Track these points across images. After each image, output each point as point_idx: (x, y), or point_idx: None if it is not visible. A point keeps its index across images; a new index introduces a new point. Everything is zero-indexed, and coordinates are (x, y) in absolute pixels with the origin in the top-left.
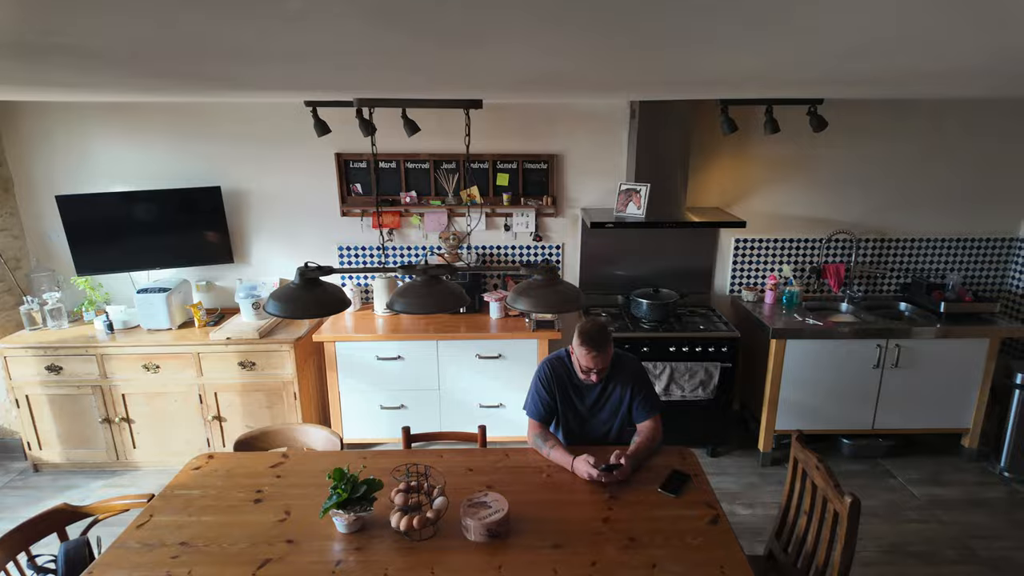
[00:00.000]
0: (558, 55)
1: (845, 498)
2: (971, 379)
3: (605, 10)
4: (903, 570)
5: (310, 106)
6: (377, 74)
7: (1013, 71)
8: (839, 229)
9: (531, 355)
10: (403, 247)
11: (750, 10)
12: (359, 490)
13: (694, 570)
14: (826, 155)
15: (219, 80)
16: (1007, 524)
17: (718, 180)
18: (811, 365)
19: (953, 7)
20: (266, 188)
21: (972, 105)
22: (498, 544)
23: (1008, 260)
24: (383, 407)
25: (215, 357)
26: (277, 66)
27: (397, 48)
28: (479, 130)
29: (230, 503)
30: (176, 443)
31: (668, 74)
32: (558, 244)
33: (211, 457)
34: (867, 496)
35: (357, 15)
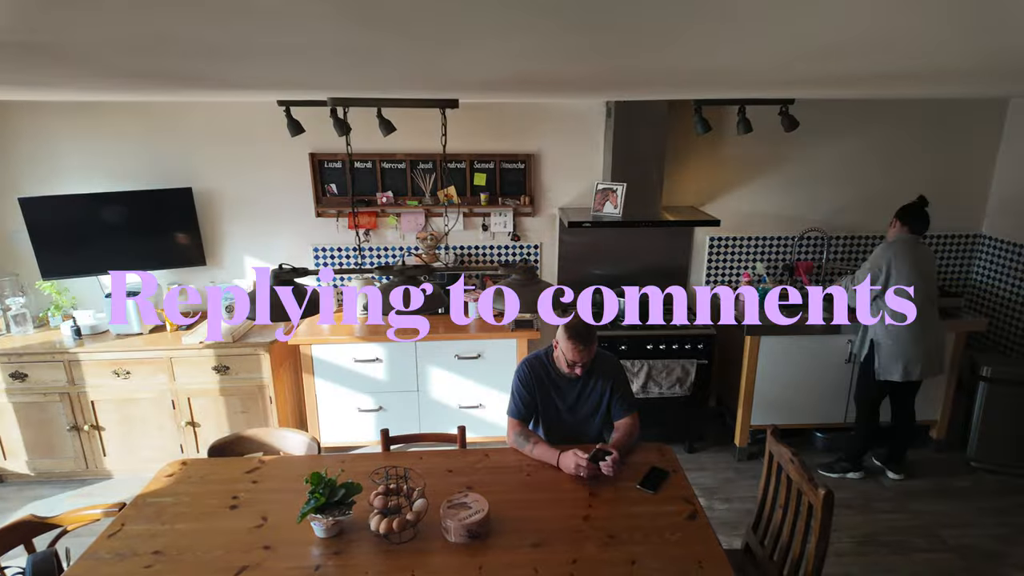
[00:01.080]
0: (532, 56)
1: (819, 490)
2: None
3: (580, 10)
4: (875, 560)
5: (283, 105)
6: (350, 73)
7: (988, 70)
8: (811, 227)
9: (510, 355)
10: (380, 248)
11: (726, 10)
12: (337, 494)
13: (673, 565)
14: (798, 154)
15: (188, 79)
16: (974, 512)
17: (693, 179)
18: (785, 361)
19: (931, 8)
20: (239, 189)
21: (935, 106)
22: (478, 545)
23: (972, 256)
24: (361, 410)
25: (188, 361)
26: (248, 65)
27: (371, 48)
28: (456, 130)
29: (205, 510)
30: (148, 450)
31: (642, 74)
32: (536, 243)
33: (185, 464)
34: (840, 488)
35: (331, 15)
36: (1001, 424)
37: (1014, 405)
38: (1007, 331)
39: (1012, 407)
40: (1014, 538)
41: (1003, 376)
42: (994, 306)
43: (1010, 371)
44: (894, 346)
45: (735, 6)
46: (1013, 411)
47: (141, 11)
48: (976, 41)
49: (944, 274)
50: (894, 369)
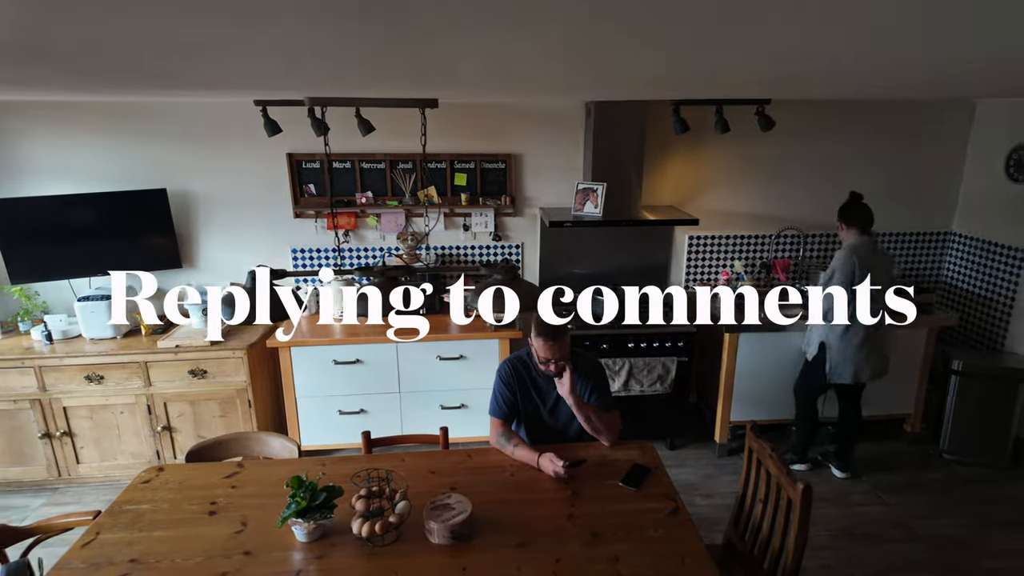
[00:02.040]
0: (508, 56)
1: (797, 485)
2: (912, 367)
3: (556, 11)
4: (851, 552)
5: (260, 105)
6: (326, 73)
7: (952, 73)
8: (788, 225)
9: (492, 355)
10: (360, 248)
11: (701, 12)
12: (319, 497)
13: (656, 561)
14: (774, 154)
15: (159, 79)
16: (946, 503)
17: (672, 179)
18: (763, 357)
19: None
20: (215, 190)
21: (907, 108)
22: (462, 546)
23: (943, 253)
24: (342, 412)
25: (164, 366)
26: (221, 65)
27: (346, 48)
28: (435, 130)
29: (183, 516)
30: (123, 456)
31: (618, 73)
32: (517, 243)
33: (161, 469)
34: (817, 482)
35: (305, 14)
36: (971, 417)
37: (984, 398)
38: (977, 326)
39: (982, 400)
40: (985, 528)
41: (973, 370)
42: (965, 301)
43: (979, 365)
44: (846, 349)
45: (713, 10)
46: (983, 404)
47: (111, 10)
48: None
49: (916, 271)
50: (845, 372)
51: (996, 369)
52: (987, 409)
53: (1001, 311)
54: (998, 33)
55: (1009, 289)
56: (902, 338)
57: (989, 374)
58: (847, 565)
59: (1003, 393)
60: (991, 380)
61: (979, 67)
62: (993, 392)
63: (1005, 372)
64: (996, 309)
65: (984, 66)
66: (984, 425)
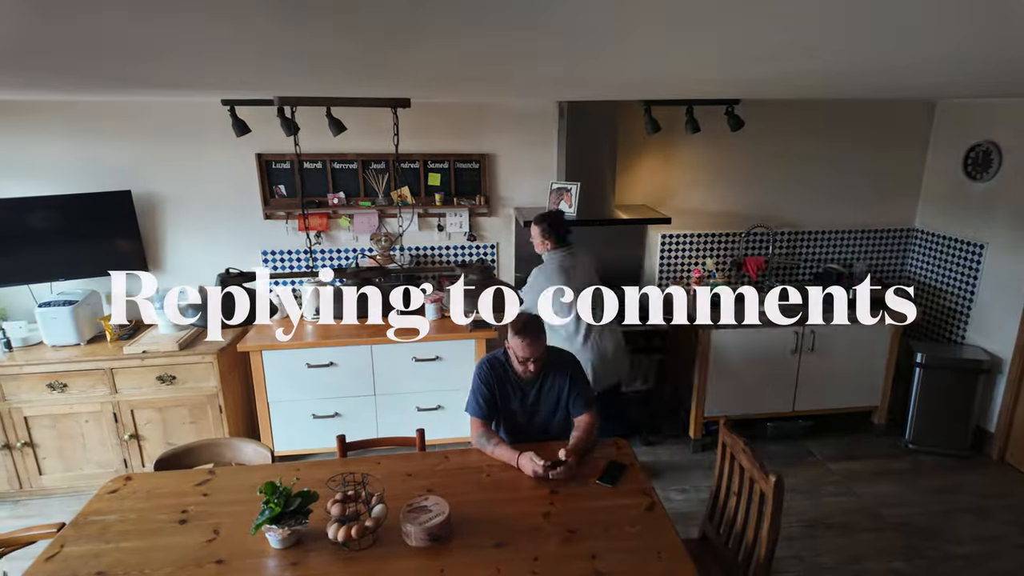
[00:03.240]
0: (480, 57)
1: (770, 477)
2: (878, 360)
3: (525, 12)
4: (823, 543)
5: (227, 105)
6: (295, 73)
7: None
8: (757, 223)
9: (469, 356)
10: (332, 250)
11: (672, 13)
12: (293, 503)
13: (633, 557)
14: (744, 153)
15: (117, 79)
16: (912, 491)
17: (645, 178)
18: (735, 353)
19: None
20: (182, 192)
21: (871, 108)
22: (440, 548)
23: (907, 248)
24: (316, 416)
25: (130, 372)
26: (185, 64)
27: (317, 47)
28: (408, 129)
29: (152, 526)
30: (89, 466)
31: (589, 75)
32: (492, 243)
33: (129, 479)
34: (790, 474)
35: (269, 13)
36: (934, 407)
37: (946, 388)
38: (939, 318)
39: (944, 390)
40: (949, 515)
41: (935, 362)
42: (927, 295)
43: (941, 357)
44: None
45: (679, 14)
46: (945, 394)
47: (69, 7)
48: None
49: (882, 266)
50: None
51: (957, 361)
52: (949, 400)
53: (961, 304)
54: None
55: (968, 283)
56: (868, 332)
57: (950, 366)
58: (818, 555)
59: (963, 384)
60: (952, 372)
61: (947, 68)
62: (954, 383)
63: (965, 363)
64: (956, 302)
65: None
66: (946, 415)
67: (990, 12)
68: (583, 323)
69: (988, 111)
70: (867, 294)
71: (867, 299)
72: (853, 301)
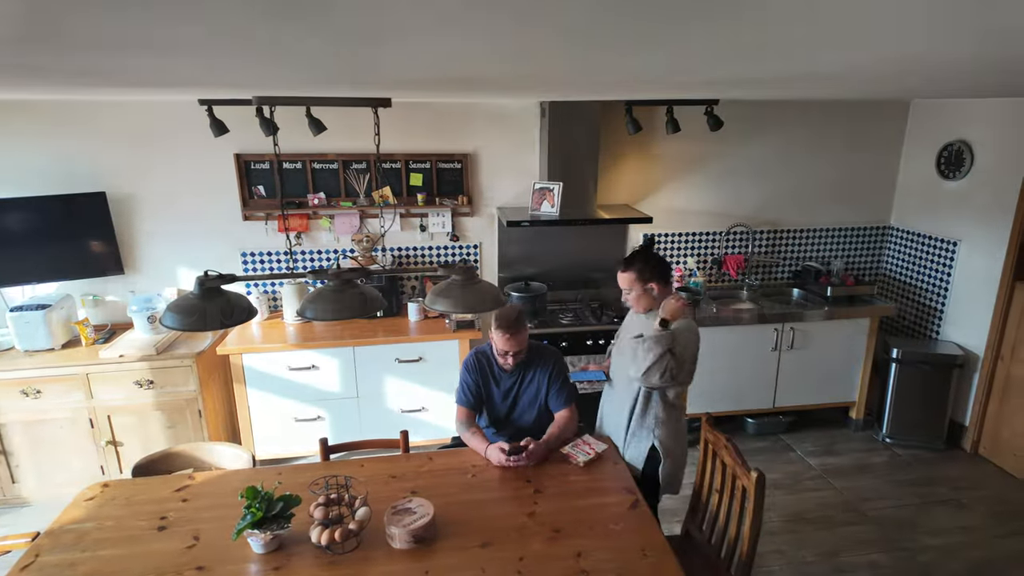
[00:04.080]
0: (458, 56)
1: (751, 473)
2: (855, 356)
3: (503, 11)
4: (803, 537)
5: (204, 104)
6: (272, 72)
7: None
8: (737, 222)
9: (452, 356)
10: (313, 251)
11: (650, 14)
12: (275, 507)
13: (617, 555)
14: (723, 153)
15: (83, 76)
16: (889, 485)
17: (626, 178)
18: (717, 351)
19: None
20: (158, 193)
21: (847, 107)
22: (425, 549)
23: (882, 246)
24: (298, 419)
25: (107, 377)
26: (157, 61)
27: (290, 46)
28: (390, 129)
29: (130, 533)
30: (65, 473)
31: (569, 75)
32: (475, 243)
33: (106, 486)
34: (770, 470)
35: (245, 10)
36: (910, 402)
37: (921, 383)
38: (914, 314)
39: (919, 385)
40: (925, 507)
41: (911, 357)
42: (903, 291)
43: (917, 352)
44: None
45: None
46: (920, 389)
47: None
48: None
49: (859, 263)
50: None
51: (932, 356)
52: (924, 394)
53: (936, 300)
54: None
55: (943, 279)
56: (846, 329)
57: (925, 361)
58: (799, 548)
59: (938, 378)
60: (927, 366)
61: (922, 68)
62: (929, 378)
63: (940, 358)
64: (931, 299)
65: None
66: (922, 409)
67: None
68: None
69: (960, 111)
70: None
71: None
72: (830, 298)
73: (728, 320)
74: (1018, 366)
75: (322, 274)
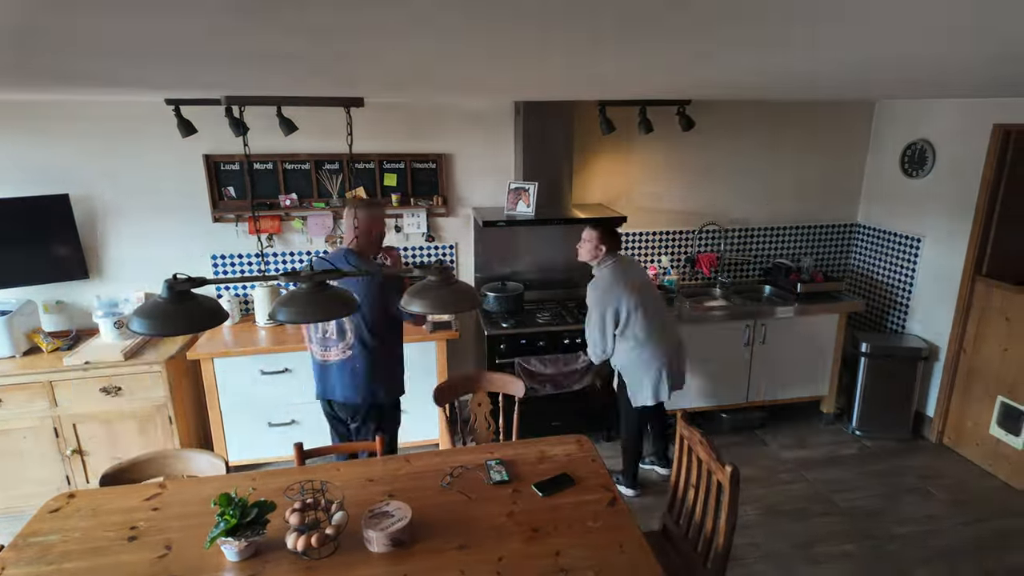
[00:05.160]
0: (431, 54)
1: (726, 468)
2: (825, 351)
3: (479, 14)
4: (778, 528)
5: (172, 104)
6: (241, 72)
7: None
8: (709, 221)
9: (429, 357)
10: (285, 253)
11: (620, 18)
12: (250, 514)
13: (596, 552)
14: (695, 153)
15: (47, 76)
16: (859, 476)
17: (601, 177)
18: (691, 347)
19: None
20: (124, 195)
21: (815, 108)
22: (403, 552)
23: (850, 243)
24: (272, 424)
25: (71, 384)
26: (126, 61)
27: (262, 45)
28: (363, 129)
29: (98, 544)
30: (28, 485)
31: (542, 76)
32: (451, 244)
33: (72, 496)
34: (745, 464)
35: (216, 8)
36: (878, 395)
37: (888, 376)
38: (881, 309)
39: (887, 378)
40: (893, 496)
41: (878, 351)
42: (870, 287)
43: (884, 346)
44: (637, 371)
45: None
46: (887, 382)
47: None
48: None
49: (826, 260)
50: (641, 395)
51: (898, 349)
52: (891, 387)
53: (902, 295)
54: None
55: (908, 275)
56: (816, 324)
57: (892, 354)
58: (774, 541)
59: (904, 371)
60: (894, 360)
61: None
62: (896, 371)
63: (905, 352)
64: (897, 294)
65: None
66: (889, 402)
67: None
68: (651, 326)
69: (922, 111)
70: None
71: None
72: (800, 295)
73: (701, 317)
74: (979, 358)
75: (295, 276)
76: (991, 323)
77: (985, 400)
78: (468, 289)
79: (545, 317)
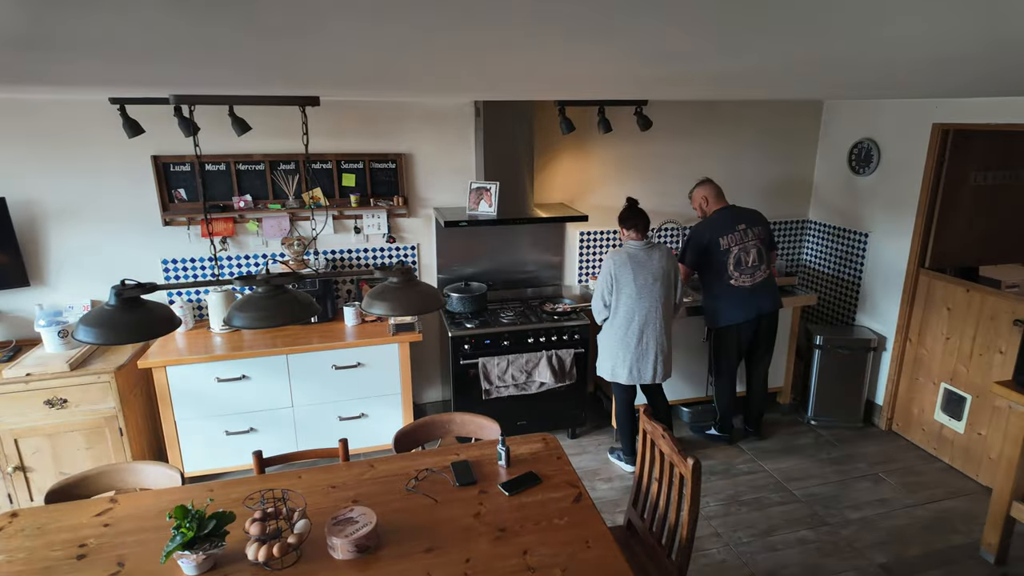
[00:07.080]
0: (386, 51)
1: (688, 461)
2: (781, 344)
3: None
4: (738, 519)
5: (116, 103)
6: (187, 70)
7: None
8: (668, 219)
9: (392, 360)
10: (240, 256)
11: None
12: (207, 526)
13: (563, 548)
14: (653, 152)
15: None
16: (814, 464)
17: (561, 177)
18: None
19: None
20: (67, 198)
21: (768, 107)
22: (368, 559)
23: (802, 239)
24: (229, 433)
25: (12, 398)
26: (62, 58)
27: (206, 41)
28: (319, 129)
29: (44, 565)
30: None
31: (495, 74)
32: (413, 244)
33: (15, 515)
34: (706, 457)
35: (154, 3)
36: (832, 385)
37: (841, 367)
38: (833, 303)
39: (839, 369)
40: (847, 483)
41: (831, 343)
42: (822, 282)
43: (836, 338)
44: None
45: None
46: (840, 372)
47: None
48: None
49: (781, 256)
50: (601, 367)
51: (849, 341)
52: (844, 377)
53: (851, 289)
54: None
55: (856, 269)
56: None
57: (844, 346)
58: (735, 530)
59: (855, 362)
60: (845, 351)
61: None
62: (847, 362)
63: (856, 343)
64: (847, 287)
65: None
66: (842, 391)
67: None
68: (636, 320)
69: (868, 110)
70: None
71: None
72: None
73: None
74: (924, 348)
75: (250, 280)
76: (934, 314)
77: (929, 387)
78: (431, 290)
79: (509, 316)
